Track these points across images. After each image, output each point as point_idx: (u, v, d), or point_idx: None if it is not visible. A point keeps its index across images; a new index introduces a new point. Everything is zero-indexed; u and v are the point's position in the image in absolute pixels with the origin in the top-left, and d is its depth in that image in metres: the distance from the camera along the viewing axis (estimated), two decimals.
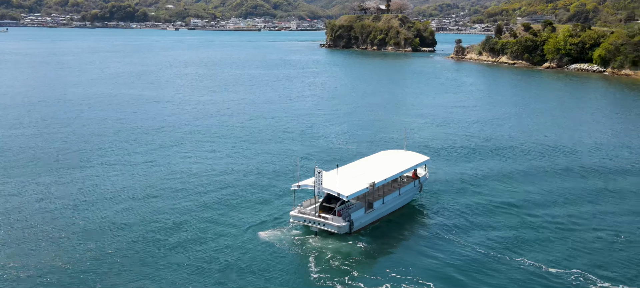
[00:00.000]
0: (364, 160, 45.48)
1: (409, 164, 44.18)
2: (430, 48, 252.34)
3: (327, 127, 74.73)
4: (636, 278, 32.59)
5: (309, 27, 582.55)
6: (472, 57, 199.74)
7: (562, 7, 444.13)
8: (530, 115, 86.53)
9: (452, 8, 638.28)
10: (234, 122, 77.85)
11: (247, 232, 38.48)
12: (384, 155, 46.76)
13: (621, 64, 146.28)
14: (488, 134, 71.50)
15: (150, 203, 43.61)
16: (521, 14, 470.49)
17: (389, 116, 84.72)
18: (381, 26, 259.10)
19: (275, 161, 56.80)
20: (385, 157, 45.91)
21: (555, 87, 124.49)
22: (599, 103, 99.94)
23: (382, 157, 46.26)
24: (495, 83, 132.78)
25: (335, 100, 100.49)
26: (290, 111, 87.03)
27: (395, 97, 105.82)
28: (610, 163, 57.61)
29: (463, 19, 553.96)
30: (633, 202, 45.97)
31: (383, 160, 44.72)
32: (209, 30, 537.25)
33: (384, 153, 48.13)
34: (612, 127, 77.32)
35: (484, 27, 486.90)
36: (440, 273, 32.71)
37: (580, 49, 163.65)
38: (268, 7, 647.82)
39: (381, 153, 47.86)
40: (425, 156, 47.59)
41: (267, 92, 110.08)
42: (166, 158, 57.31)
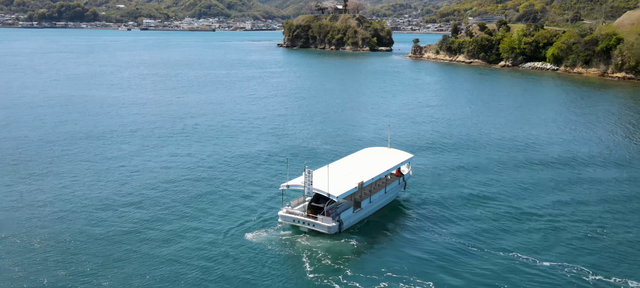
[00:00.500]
0: (350, 159, 45.57)
1: (395, 162, 44.57)
2: (387, 47, 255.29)
3: (302, 127, 74.94)
4: (609, 265, 34.16)
5: (264, 27, 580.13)
6: (430, 56, 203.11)
7: (512, 8, 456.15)
8: (496, 112, 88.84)
9: (405, 8, 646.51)
10: (207, 123, 77.18)
11: (233, 234, 38.19)
12: (370, 153, 47.05)
13: (573, 63, 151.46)
14: (459, 132, 73.12)
15: (130, 209, 42.65)
16: (472, 14, 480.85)
17: (360, 115, 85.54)
18: (339, 26, 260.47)
19: (255, 162, 56.71)
20: (370, 155, 46.18)
21: (514, 85, 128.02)
22: (557, 100, 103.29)
23: (367, 155, 46.53)
24: (457, 82, 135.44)
25: (304, 100, 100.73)
26: (262, 112, 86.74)
27: (362, 97, 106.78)
28: (575, 156, 59.90)
29: (416, 19, 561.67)
30: (600, 191, 47.98)
31: (369, 159, 44.98)
32: (162, 30, 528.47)
33: (368, 151, 48.44)
34: (572, 122, 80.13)
35: (437, 27, 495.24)
36: (432, 268, 33.40)
37: (534, 47, 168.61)
38: (222, 7, 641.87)
39: (366, 151, 48.14)
40: (409, 153, 48.15)
41: (234, 92, 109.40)
42: (143, 162, 56.42)
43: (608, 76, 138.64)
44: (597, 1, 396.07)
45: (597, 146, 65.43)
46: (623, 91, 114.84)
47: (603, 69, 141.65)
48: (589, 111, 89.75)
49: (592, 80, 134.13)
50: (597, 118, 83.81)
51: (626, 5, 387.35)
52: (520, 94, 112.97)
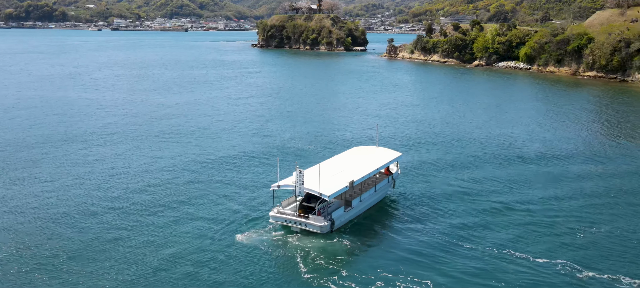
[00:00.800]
0: (339, 158, 45.67)
1: (384, 160, 44.82)
2: (362, 47, 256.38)
3: (286, 128, 74.90)
4: (599, 260, 35.03)
5: (237, 27, 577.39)
6: (405, 56, 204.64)
7: (483, 8, 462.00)
8: (476, 111, 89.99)
9: (377, 8, 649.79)
10: (189, 124, 76.63)
11: (223, 236, 37.84)
12: (359, 152, 47.22)
13: (546, 62, 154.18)
14: (442, 130, 73.90)
15: (115, 214, 41.73)
16: (444, 14, 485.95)
17: (343, 115, 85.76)
18: (313, 26, 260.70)
19: (240, 164, 56.50)
20: (360, 155, 46.36)
21: (490, 84, 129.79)
22: (533, 98, 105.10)
23: (356, 154, 46.71)
24: (435, 81, 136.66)
25: (284, 100, 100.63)
26: (243, 112, 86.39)
27: (343, 96, 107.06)
28: (555, 153, 61.09)
29: (389, 19, 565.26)
30: (581, 186, 49.09)
31: (358, 158, 45.14)
32: (134, 30, 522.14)
33: (357, 150, 48.62)
34: (550, 119, 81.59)
35: (410, 27, 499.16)
36: (426, 266, 33.68)
37: (507, 47, 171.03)
38: (194, 7, 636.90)
39: (355, 150, 48.32)
40: (397, 152, 48.47)
41: (214, 92, 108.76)
42: (126, 165, 55.76)
43: (579, 75, 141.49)
44: (565, 1, 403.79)
45: (575, 143, 66.81)
46: (595, 89, 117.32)
47: (575, 68, 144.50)
48: (566, 109, 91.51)
49: (565, 79, 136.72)
50: (575, 116, 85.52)
51: (593, 5, 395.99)
52: (497, 92, 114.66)
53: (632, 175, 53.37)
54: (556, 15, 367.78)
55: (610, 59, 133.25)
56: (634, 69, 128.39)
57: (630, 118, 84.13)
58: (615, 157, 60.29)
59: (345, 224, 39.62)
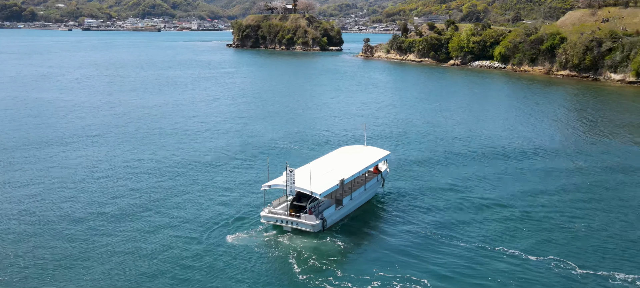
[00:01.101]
0: (329, 157, 45.86)
1: (373, 159, 45.19)
2: (338, 47, 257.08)
3: (269, 128, 74.76)
4: (592, 256, 35.89)
5: (211, 27, 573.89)
6: (381, 56, 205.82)
7: (456, 8, 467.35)
8: (456, 109, 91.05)
9: (351, 8, 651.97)
10: (170, 125, 75.97)
11: (213, 238, 37.45)
12: (348, 152, 47.49)
13: (520, 61, 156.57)
14: (424, 129, 74.56)
15: (100, 219, 40.66)
16: (418, 14, 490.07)
17: (325, 114, 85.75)
18: (289, 26, 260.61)
19: (225, 165, 56.21)
20: (349, 154, 46.62)
21: (468, 83, 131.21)
22: (511, 96, 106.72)
23: (345, 153, 46.97)
24: (413, 80, 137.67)
25: (265, 100, 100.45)
26: (225, 113, 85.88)
27: (323, 96, 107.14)
28: (536, 149, 62.19)
29: (363, 19, 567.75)
30: (566, 182, 50.16)
31: (348, 157, 45.41)
32: (105, 30, 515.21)
33: (346, 149, 48.87)
34: (530, 117, 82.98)
35: (384, 27, 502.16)
36: (422, 265, 33.92)
37: (482, 47, 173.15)
38: (166, 6, 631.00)
39: (344, 150, 48.58)
40: (385, 151, 48.88)
41: (193, 93, 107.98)
42: (110, 168, 54.94)
43: (553, 74, 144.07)
44: (536, 2, 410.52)
45: (554, 140, 68.08)
46: (569, 88, 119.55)
47: (548, 67, 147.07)
48: (543, 107, 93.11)
49: (539, 78, 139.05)
50: (552, 114, 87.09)
51: (563, 5, 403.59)
52: (475, 91, 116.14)
53: (610, 171, 54.64)
54: (527, 15, 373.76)
55: (582, 58, 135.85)
56: (606, 68, 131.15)
57: (608, 115, 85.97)
58: (595, 154, 61.60)
59: (337, 223, 39.79)
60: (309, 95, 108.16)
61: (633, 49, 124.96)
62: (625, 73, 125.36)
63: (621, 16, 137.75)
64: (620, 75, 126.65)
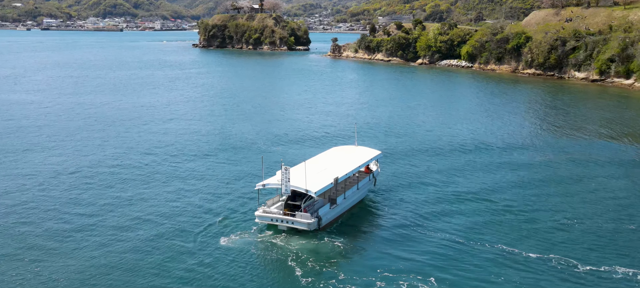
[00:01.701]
0: (321, 157, 46.04)
1: (365, 159, 45.66)
2: (305, 47, 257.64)
3: (249, 128, 74.72)
4: (591, 252, 37.25)
5: (174, 27, 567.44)
6: (349, 55, 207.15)
7: (419, 8, 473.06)
8: (433, 108, 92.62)
9: (315, 8, 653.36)
10: (150, 127, 75.17)
11: (206, 241, 36.73)
12: (340, 151, 47.80)
13: (487, 60, 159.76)
14: (405, 129, 75.47)
15: (89, 225, 39.55)
16: (382, 14, 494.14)
17: (303, 114, 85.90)
18: (256, 25, 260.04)
19: (211, 167, 55.81)
20: (341, 153, 46.93)
21: (440, 82, 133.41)
22: (481, 94, 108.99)
23: (338, 153, 47.28)
24: (385, 79, 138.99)
25: (240, 100, 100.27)
26: (201, 114, 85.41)
27: (298, 95, 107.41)
28: (517, 146, 64.00)
29: (327, 19, 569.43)
30: (560, 179, 51.81)
31: (340, 156, 45.73)
32: (65, 30, 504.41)
33: (338, 149, 49.12)
34: (505, 114, 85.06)
35: (348, 27, 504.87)
36: (424, 264, 33.97)
37: (449, 46, 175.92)
38: (128, 6, 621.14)
39: (335, 149, 48.89)
40: (377, 150, 49.30)
41: (166, 94, 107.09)
42: (94, 174, 54.09)
43: (519, 72, 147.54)
44: (497, 2, 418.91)
45: (527, 136, 70.06)
46: (536, 86, 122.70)
47: (514, 66, 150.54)
48: (517, 106, 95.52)
49: (506, 76, 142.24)
50: (527, 111, 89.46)
51: (523, 5, 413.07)
52: (447, 89, 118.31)
53: (585, 164, 56.64)
54: (489, 15, 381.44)
55: (547, 57, 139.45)
56: (570, 67, 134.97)
57: (579, 112, 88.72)
58: (571, 150, 63.61)
59: (331, 222, 39.90)
60: (287, 95, 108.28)
61: (596, 48, 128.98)
62: (589, 71, 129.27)
63: (583, 16, 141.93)
64: (584, 74, 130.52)
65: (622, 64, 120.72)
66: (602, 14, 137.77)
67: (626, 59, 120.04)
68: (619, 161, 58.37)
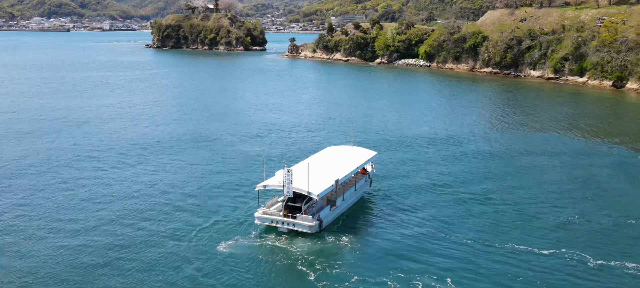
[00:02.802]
0: (318, 157, 45.14)
1: (363, 159, 45.15)
2: (262, 47, 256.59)
3: (224, 129, 74.42)
4: (594, 246, 38.79)
5: (124, 27, 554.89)
6: (307, 55, 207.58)
7: (371, 8, 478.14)
8: (406, 107, 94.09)
9: (267, 8, 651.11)
10: (122, 131, 73.67)
11: (203, 248, 35.39)
12: (336, 152, 47.13)
13: (445, 59, 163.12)
14: (384, 127, 76.55)
15: (74, 236, 38.01)
16: (334, 14, 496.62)
17: (276, 115, 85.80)
18: (211, 25, 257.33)
19: (192, 171, 55.27)
20: (338, 154, 46.25)
21: (402, 81, 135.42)
22: (442, 93, 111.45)
23: (334, 153, 46.58)
24: (347, 79, 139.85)
25: (211, 101, 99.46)
26: (175, 115, 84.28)
27: (266, 96, 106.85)
28: (490, 147, 65.93)
29: (280, 19, 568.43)
30: (549, 174, 53.70)
31: (338, 157, 45.09)
32: (8, 30, 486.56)
33: (334, 149, 48.53)
34: (463, 112, 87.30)
35: (301, 27, 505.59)
36: (435, 264, 34.15)
37: (407, 45, 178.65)
38: (74, 5, 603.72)
39: (331, 150, 48.27)
40: (373, 151, 48.76)
41: (136, 95, 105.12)
42: (75, 181, 52.86)
43: (477, 71, 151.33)
44: (448, 2, 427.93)
45: (485, 133, 72.32)
46: (496, 84, 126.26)
47: (472, 65, 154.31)
48: (478, 104, 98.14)
49: (464, 75, 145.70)
50: (489, 108, 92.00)
51: (472, 5, 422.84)
52: (414, 88, 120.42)
53: (548, 156, 58.98)
54: (440, 15, 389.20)
55: (503, 55, 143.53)
56: (526, 65, 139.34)
57: (543, 109, 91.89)
58: (542, 146, 66.08)
59: (330, 224, 39.35)
60: (255, 95, 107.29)
61: (550, 47, 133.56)
62: (544, 70, 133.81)
63: (537, 16, 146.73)
64: (539, 72, 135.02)
65: (575, 62, 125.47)
66: (555, 14, 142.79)
67: (579, 58, 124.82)
68: (605, 155, 61.03)
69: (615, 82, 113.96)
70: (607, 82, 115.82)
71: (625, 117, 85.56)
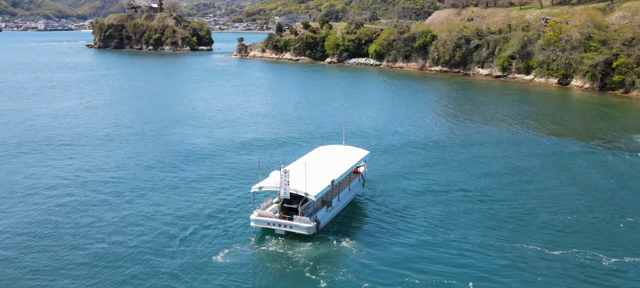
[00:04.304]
0: (311, 157, 44.40)
1: (356, 159, 44.77)
2: (208, 47, 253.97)
3: (192, 132, 73.47)
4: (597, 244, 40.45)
5: (60, 27, 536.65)
6: (256, 55, 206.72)
7: (315, 8, 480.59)
8: (372, 105, 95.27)
9: (209, 8, 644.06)
10: (84, 132, 71.79)
11: (198, 262, 33.64)
12: (328, 151, 46.60)
13: (395, 58, 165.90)
14: (357, 127, 76.69)
15: (63, 241, 36.78)
16: (278, 14, 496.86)
17: (240, 116, 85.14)
18: (156, 25, 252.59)
19: (171, 178, 54.68)
20: (330, 153, 45.73)
21: (356, 80, 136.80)
22: (391, 91, 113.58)
23: (327, 153, 46.10)
24: (303, 79, 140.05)
25: (169, 103, 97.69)
26: (136, 119, 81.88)
27: (224, 97, 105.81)
28: (464, 140, 67.83)
29: (222, 19, 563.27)
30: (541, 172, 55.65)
31: (331, 156, 44.64)
32: None
33: (326, 149, 47.98)
34: (415, 109, 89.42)
35: (245, 26, 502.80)
36: (428, 260, 34.36)
37: (357, 44, 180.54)
38: (6, 4, 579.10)
39: (323, 150, 47.65)
40: (365, 150, 48.31)
41: (89, 97, 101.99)
42: (59, 186, 51.51)
43: (426, 69, 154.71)
44: (390, 2, 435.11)
45: (440, 130, 74.48)
46: (445, 82, 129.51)
47: (422, 63, 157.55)
48: (430, 102, 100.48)
49: (414, 74, 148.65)
50: (440, 107, 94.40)
51: (414, 5, 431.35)
52: (368, 87, 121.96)
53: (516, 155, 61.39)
54: (383, 15, 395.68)
55: (453, 54, 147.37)
56: (474, 64, 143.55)
57: (499, 106, 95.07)
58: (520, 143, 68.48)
59: (327, 225, 38.97)
60: (214, 97, 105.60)
61: (497, 46, 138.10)
62: (492, 68, 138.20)
63: (484, 16, 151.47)
64: (487, 70, 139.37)
65: (522, 60, 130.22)
66: (501, 13, 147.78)
67: (526, 56, 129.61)
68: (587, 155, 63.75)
69: (560, 79, 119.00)
70: (553, 79, 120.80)
71: (572, 113, 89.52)
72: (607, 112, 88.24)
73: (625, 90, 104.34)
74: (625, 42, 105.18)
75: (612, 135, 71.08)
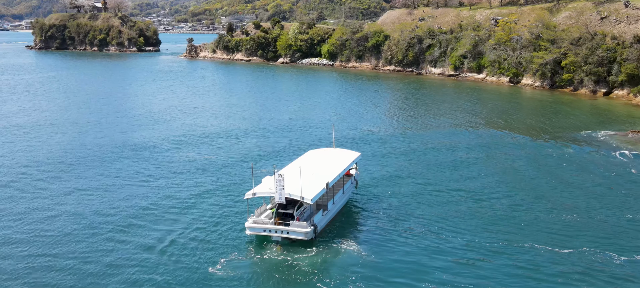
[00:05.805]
0: (303, 161, 43.66)
1: (348, 161, 44.41)
2: (156, 47, 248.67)
3: (157, 134, 71.83)
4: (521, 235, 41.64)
5: None
6: (206, 55, 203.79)
7: (261, 8, 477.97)
8: (331, 106, 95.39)
9: (152, 7, 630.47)
10: (53, 140, 69.10)
11: (194, 276, 32.62)
12: (320, 155, 46.08)
13: (348, 58, 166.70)
14: (328, 129, 77.22)
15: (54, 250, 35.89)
16: (224, 14, 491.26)
17: (207, 119, 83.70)
18: (100, 25, 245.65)
19: (153, 186, 53.27)
20: (322, 157, 45.23)
21: (310, 81, 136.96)
22: (345, 89, 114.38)
23: (319, 156, 45.60)
24: (257, 79, 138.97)
25: (126, 106, 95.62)
26: (102, 123, 79.73)
27: (184, 99, 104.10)
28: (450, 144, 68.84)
29: (167, 19, 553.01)
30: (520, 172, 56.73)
31: (324, 160, 44.15)
32: None
33: (317, 152, 47.47)
34: (371, 109, 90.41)
35: (190, 27, 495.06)
36: (439, 269, 34.02)
37: (309, 44, 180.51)
38: None
39: (314, 153, 47.03)
40: (356, 152, 47.83)
41: (38, 100, 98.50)
42: (52, 200, 49.33)
43: (380, 69, 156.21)
44: (337, 2, 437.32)
45: (395, 127, 75.67)
46: (399, 81, 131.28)
47: (375, 63, 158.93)
48: (384, 100, 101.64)
49: (368, 73, 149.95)
50: (398, 106, 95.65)
51: (361, 5, 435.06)
52: (324, 88, 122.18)
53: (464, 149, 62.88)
54: (330, 15, 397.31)
55: (405, 54, 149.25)
56: (427, 63, 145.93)
57: (482, 106, 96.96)
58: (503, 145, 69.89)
59: (324, 229, 38.46)
60: (171, 99, 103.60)
61: (449, 45, 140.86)
62: (444, 67, 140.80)
63: (435, 16, 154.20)
64: (439, 69, 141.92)
65: (474, 60, 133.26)
66: (451, 14, 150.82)
67: (477, 55, 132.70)
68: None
69: (511, 78, 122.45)
70: (505, 78, 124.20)
71: (525, 110, 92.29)
72: (559, 109, 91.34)
73: (574, 88, 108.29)
74: (573, 42, 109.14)
75: (569, 131, 73.69)
